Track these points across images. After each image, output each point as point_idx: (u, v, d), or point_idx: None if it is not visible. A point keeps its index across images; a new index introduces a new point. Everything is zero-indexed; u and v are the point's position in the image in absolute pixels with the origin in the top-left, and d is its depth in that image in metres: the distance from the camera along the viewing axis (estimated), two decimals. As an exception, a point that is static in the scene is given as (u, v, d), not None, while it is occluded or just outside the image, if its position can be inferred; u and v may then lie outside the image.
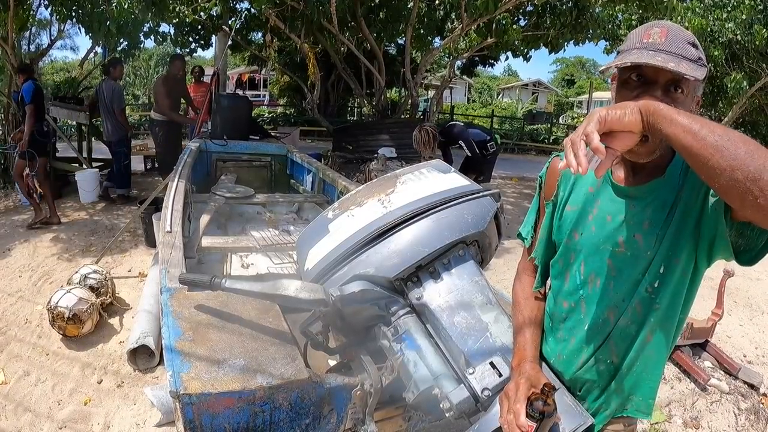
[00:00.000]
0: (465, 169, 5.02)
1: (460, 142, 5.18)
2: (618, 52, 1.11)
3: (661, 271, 1.15)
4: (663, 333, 1.22)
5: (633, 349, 1.22)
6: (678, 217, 1.12)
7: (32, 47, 7.54)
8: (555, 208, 1.32)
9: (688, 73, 0.99)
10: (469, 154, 5.11)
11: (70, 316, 3.21)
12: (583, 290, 1.24)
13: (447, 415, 1.28)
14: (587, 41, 8.55)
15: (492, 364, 1.30)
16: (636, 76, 1.07)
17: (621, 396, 1.27)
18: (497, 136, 5.80)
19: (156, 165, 7.84)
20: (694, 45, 1.04)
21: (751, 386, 3.27)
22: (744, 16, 8.53)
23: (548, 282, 1.41)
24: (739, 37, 8.84)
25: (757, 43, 8.42)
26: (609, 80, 1.12)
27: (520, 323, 1.34)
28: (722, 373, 3.38)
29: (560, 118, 23.26)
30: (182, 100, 7.25)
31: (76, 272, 3.76)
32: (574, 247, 1.25)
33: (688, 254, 1.13)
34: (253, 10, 8.09)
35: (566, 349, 1.29)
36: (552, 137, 16.97)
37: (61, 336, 3.32)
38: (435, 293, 1.47)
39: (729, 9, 8.88)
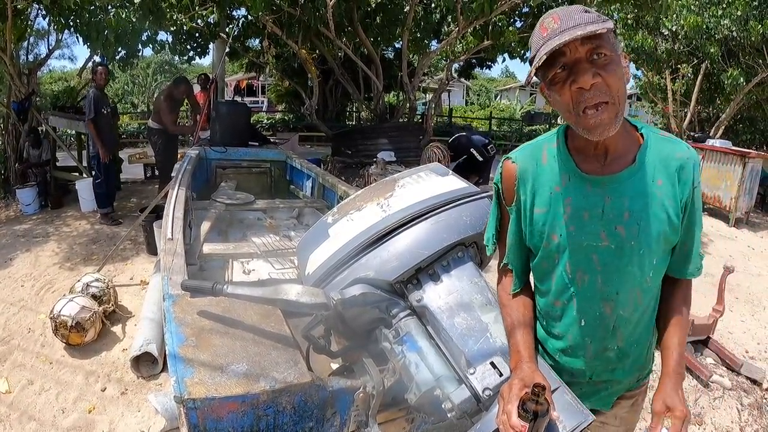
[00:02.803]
0: (466, 173, 5.04)
1: (471, 150, 5.22)
2: (530, 63, 1.10)
3: (655, 262, 1.20)
4: (654, 303, 1.29)
5: (636, 332, 1.28)
6: (657, 207, 1.15)
7: (31, 57, 7.57)
8: (520, 213, 1.29)
9: (597, 28, 0.98)
10: (481, 159, 5.15)
11: (73, 324, 3.22)
12: (573, 288, 1.25)
13: (449, 415, 1.29)
14: (583, 41, 8.56)
15: (492, 364, 1.31)
16: (560, 68, 1.06)
17: (630, 371, 1.34)
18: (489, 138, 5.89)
19: (156, 173, 7.86)
20: (586, 11, 1.04)
21: (754, 382, 3.28)
22: (739, 12, 8.52)
23: (531, 280, 1.41)
24: (734, 34, 8.84)
25: (752, 38, 8.41)
26: (539, 92, 1.13)
27: (510, 325, 1.33)
28: (724, 369, 3.39)
29: (558, 119, 23.27)
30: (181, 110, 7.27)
31: (79, 281, 3.77)
32: (555, 250, 1.24)
33: (666, 238, 1.18)
34: (250, 16, 8.12)
35: (567, 344, 1.31)
36: (550, 137, 17.01)
37: (64, 344, 3.33)
38: (435, 295, 1.48)
39: (724, 5, 8.87)
